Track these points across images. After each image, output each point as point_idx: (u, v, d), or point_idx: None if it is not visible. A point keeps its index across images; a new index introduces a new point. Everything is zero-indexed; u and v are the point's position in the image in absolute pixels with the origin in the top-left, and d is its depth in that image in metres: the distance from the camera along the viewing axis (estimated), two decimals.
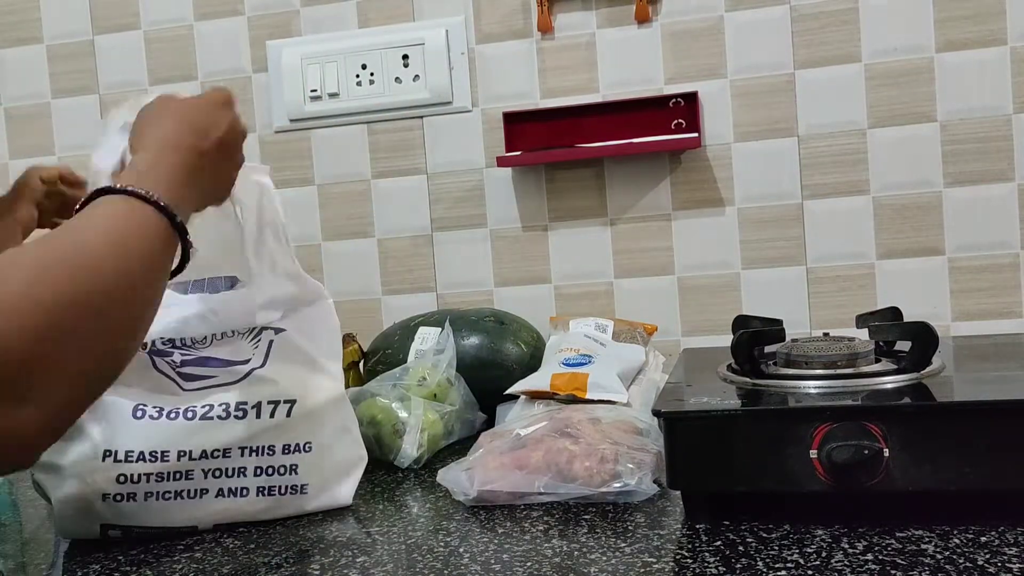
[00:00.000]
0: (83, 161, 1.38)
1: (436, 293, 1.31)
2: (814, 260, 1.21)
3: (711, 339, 1.22)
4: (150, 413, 0.79)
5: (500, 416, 1.02)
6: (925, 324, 0.81)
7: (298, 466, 0.82)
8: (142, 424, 0.78)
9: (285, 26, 1.33)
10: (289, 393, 0.82)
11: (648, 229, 1.25)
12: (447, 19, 1.28)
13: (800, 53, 1.20)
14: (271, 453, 0.81)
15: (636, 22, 1.23)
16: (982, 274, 1.17)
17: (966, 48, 1.16)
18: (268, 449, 0.81)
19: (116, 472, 0.77)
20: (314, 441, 0.83)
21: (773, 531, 0.70)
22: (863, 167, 1.19)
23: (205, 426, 0.80)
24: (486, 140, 1.28)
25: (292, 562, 0.71)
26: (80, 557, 0.76)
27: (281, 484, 0.82)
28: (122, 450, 0.77)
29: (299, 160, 1.34)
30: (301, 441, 0.82)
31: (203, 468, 0.80)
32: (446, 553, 0.69)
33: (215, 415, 0.80)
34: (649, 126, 1.20)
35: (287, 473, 0.82)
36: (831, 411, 0.70)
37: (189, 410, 0.80)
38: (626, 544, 0.70)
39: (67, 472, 0.77)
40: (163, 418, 0.79)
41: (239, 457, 0.80)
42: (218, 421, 0.80)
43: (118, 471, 0.77)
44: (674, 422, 0.73)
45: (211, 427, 0.80)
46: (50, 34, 1.39)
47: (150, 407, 0.79)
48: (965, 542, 0.65)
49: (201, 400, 0.80)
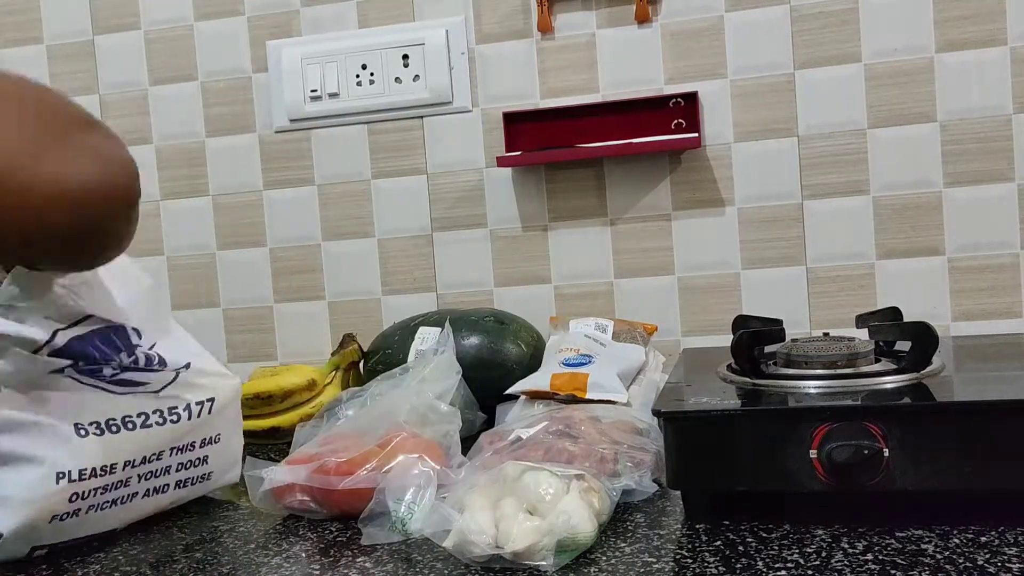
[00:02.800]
0: None
1: (436, 293, 1.31)
2: (814, 260, 1.21)
3: (711, 339, 1.22)
4: (92, 431, 0.78)
5: (500, 416, 1.02)
6: (925, 324, 0.81)
7: (209, 456, 0.87)
8: (88, 441, 0.78)
9: (285, 26, 1.33)
10: (209, 391, 0.86)
11: (648, 229, 1.25)
12: (447, 19, 1.28)
13: (800, 53, 1.20)
14: (191, 449, 0.86)
15: (636, 22, 1.23)
16: (982, 274, 1.17)
17: (966, 48, 1.16)
18: (189, 446, 0.85)
19: (70, 492, 0.76)
20: (222, 432, 0.88)
21: (773, 531, 0.70)
22: (863, 167, 1.19)
23: (146, 433, 0.81)
24: (486, 140, 1.28)
25: (292, 562, 0.71)
26: (80, 557, 0.76)
27: (194, 475, 0.86)
28: (76, 470, 0.76)
29: (299, 160, 1.34)
30: (213, 434, 0.88)
31: (139, 473, 0.82)
32: (446, 552, 0.69)
33: (153, 422, 0.82)
34: (649, 126, 1.20)
35: (200, 464, 0.87)
36: (831, 411, 0.70)
37: (128, 421, 0.80)
38: (626, 544, 0.70)
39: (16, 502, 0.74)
40: (107, 433, 0.79)
41: (167, 457, 0.84)
42: (156, 427, 0.82)
43: (72, 491, 0.76)
44: (674, 422, 0.74)
45: (150, 434, 0.82)
46: (50, 34, 1.39)
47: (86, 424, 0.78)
48: (965, 542, 0.65)
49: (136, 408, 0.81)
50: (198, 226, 1.37)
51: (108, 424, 0.79)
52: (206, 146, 1.36)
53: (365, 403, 0.95)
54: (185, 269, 1.38)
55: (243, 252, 1.36)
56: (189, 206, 1.37)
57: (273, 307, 1.36)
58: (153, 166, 1.38)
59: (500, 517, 0.68)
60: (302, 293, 1.35)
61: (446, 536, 0.68)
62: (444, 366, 1.00)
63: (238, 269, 1.37)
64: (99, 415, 0.79)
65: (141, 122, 1.38)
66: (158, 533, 0.82)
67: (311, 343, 1.35)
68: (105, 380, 0.80)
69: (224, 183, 1.36)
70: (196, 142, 1.37)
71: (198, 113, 1.36)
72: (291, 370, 1.16)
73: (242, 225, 1.36)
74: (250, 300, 1.37)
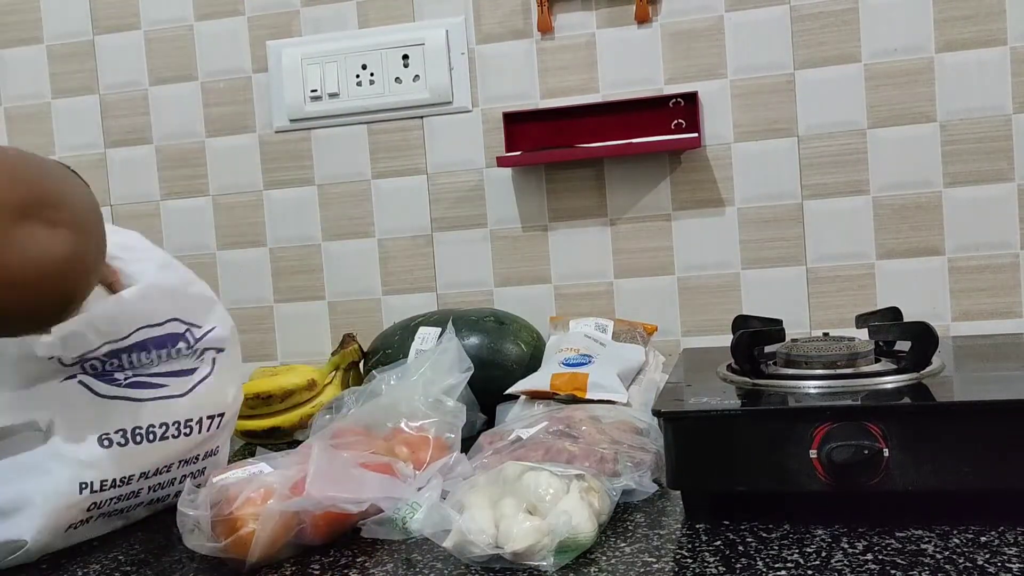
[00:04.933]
0: (83, 161, 1.39)
1: (436, 293, 1.31)
2: (814, 260, 1.21)
3: (711, 339, 1.22)
4: (116, 440, 0.79)
5: (500, 416, 1.02)
6: (925, 324, 0.81)
7: (206, 468, 0.88)
8: (111, 452, 0.79)
9: (285, 26, 1.33)
10: (220, 406, 0.87)
11: (648, 229, 1.25)
12: (447, 19, 1.28)
13: (800, 53, 1.20)
14: (195, 461, 0.87)
15: (636, 22, 1.23)
16: (982, 274, 1.17)
17: (966, 48, 1.16)
18: (194, 458, 0.87)
19: (89, 502, 0.77)
20: (220, 444, 0.90)
21: (773, 531, 0.70)
22: (863, 167, 1.19)
23: (163, 445, 0.82)
24: (486, 140, 1.28)
25: (292, 562, 0.71)
26: (80, 557, 0.76)
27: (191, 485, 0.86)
28: (97, 480, 0.77)
29: (299, 160, 1.34)
30: (214, 446, 0.89)
31: (149, 484, 0.83)
32: (446, 552, 0.69)
33: (170, 435, 0.83)
34: (649, 126, 1.20)
35: (198, 476, 0.87)
36: (831, 411, 0.70)
37: (150, 432, 0.81)
38: (626, 544, 0.70)
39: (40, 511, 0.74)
40: (130, 443, 0.80)
41: (175, 469, 0.85)
42: (172, 440, 0.83)
43: (91, 501, 0.77)
44: (674, 422, 0.74)
45: (167, 446, 0.83)
46: (50, 34, 1.39)
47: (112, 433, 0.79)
48: (965, 542, 0.65)
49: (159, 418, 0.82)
50: (198, 226, 1.37)
51: (133, 433, 0.80)
52: (206, 146, 1.36)
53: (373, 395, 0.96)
54: None
55: (243, 252, 1.36)
56: (189, 206, 1.37)
57: (273, 307, 1.36)
58: (153, 166, 1.38)
59: (500, 517, 0.68)
60: (302, 293, 1.35)
61: (446, 536, 0.68)
62: (453, 361, 0.99)
63: (238, 269, 1.37)
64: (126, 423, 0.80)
65: (141, 122, 1.38)
66: (158, 533, 0.82)
67: (311, 343, 1.35)
68: (120, 386, 0.80)
69: (224, 183, 1.36)
70: (196, 142, 1.37)
71: (198, 113, 1.36)
72: (291, 370, 1.16)
73: (242, 225, 1.36)
74: (250, 300, 1.37)
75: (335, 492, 0.73)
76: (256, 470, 0.76)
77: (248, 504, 0.70)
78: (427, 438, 0.87)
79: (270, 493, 0.71)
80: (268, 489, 0.72)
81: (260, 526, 0.69)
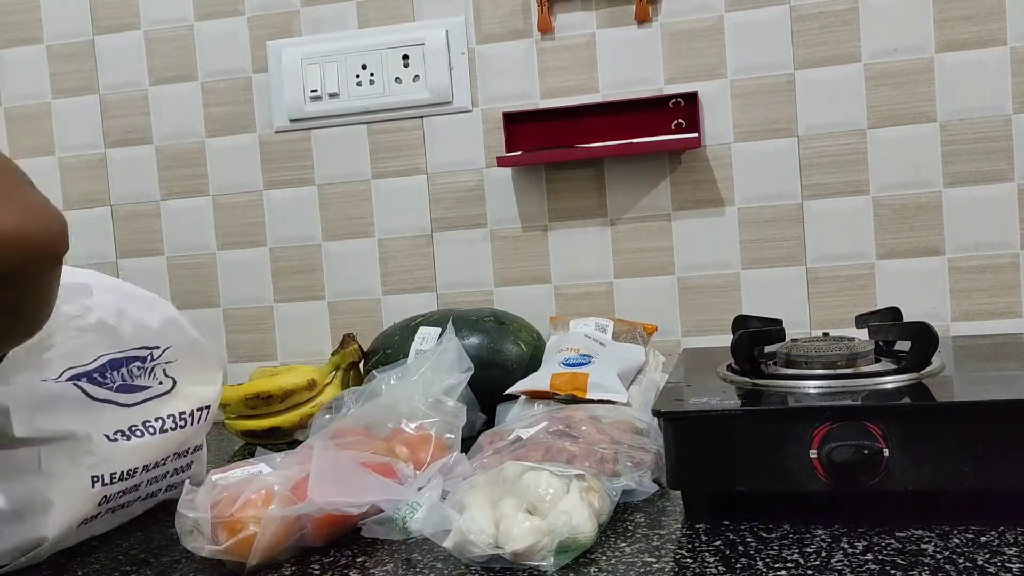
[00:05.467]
0: (83, 161, 1.39)
1: (436, 293, 1.31)
2: (814, 260, 1.21)
3: (711, 339, 1.22)
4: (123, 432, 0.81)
5: (500, 416, 1.02)
6: (925, 324, 0.81)
7: (192, 463, 0.90)
8: (118, 446, 0.80)
9: (285, 26, 1.33)
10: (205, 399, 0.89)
11: (648, 229, 1.25)
12: (447, 19, 1.28)
13: (800, 53, 1.20)
14: (185, 455, 0.88)
15: (636, 22, 1.23)
16: (982, 274, 1.17)
17: (966, 48, 1.16)
18: (184, 452, 0.88)
19: (101, 495, 0.78)
20: (202, 440, 0.91)
21: (773, 531, 0.70)
22: (863, 167, 1.19)
23: (163, 438, 0.84)
24: (486, 140, 1.28)
25: (292, 562, 0.71)
26: (80, 557, 0.76)
27: (179, 480, 0.87)
28: (107, 473, 0.78)
29: (299, 160, 1.34)
30: (200, 441, 0.91)
31: (147, 477, 0.83)
32: (446, 552, 0.69)
33: (168, 427, 0.84)
34: (649, 126, 1.20)
35: (185, 470, 0.89)
36: (831, 411, 0.70)
37: (149, 425, 0.83)
38: (626, 544, 0.70)
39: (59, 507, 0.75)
40: (134, 438, 0.81)
41: (169, 462, 0.86)
42: (170, 432, 0.85)
43: (103, 494, 0.78)
44: (674, 422, 0.74)
45: (166, 438, 0.84)
46: (50, 34, 1.39)
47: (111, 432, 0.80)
48: (965, 542, 0.65)
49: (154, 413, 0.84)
50: (198, 226, 1.37)
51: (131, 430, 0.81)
52: (206, 146, 1.36)
53: (373, 395, 0.96)
54: (185, 269, 1.38)
55: (243, 252, 1.36)
56: (189, 206, 1.37)
57: (273, 307, 1.36)
58: (153, 166, 1.38)
59: (500, 517, 0.68)
60: (302, 293, 1.35)
61: (446, 536, 0.68)
62: (453, 361, 0.99)
63: (238, 269, 1.37)
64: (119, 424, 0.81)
65: (141, 122, 1.38)
66: (157, 533, 0.82)
67: (311, 343, 1.35)
68: (112, 390, 0.81)
69: (224, 183, 1.36)
70: (196, 142, 1.37)
71: (198, 113, 1.36)
72: (291, 370, 1.16)
73: (242, 225, 1.36)
74: (250, 300, 1.37)
75: (337, 496, 0.73)
76: (256, 470, 0.76)
77: (248, 505, 0.70)
78: (427, 438, 0.87)
79: (270, 494, 0.71)
80: (268, 490, 0.72)
81: (261, 531, 0.69)
